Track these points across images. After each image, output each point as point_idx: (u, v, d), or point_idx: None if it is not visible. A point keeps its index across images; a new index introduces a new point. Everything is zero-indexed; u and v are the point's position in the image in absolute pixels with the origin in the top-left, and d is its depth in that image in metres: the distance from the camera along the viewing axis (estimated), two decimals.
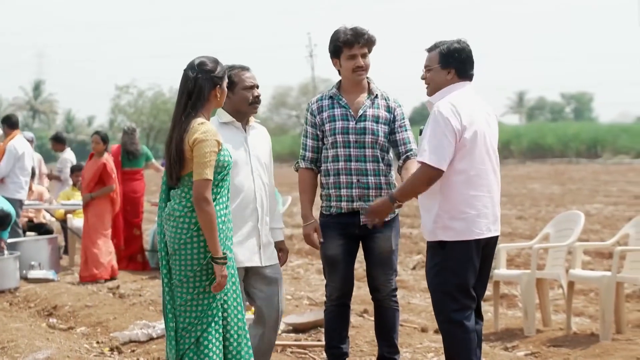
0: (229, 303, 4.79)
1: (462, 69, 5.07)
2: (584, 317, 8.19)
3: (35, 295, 9.97)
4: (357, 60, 5.68)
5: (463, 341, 4.99)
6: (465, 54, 5.06)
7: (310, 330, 7.61)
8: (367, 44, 5.69)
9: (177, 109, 4.76)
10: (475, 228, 4.97)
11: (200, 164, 4.61)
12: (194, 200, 4.61)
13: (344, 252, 5.77)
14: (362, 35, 5.67)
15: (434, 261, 5.04)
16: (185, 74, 4.76)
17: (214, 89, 4.77)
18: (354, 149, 5.71)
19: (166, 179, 4.84)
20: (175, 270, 4.72)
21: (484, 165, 5.02)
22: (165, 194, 4.85)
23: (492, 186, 5.06)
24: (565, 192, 24.49)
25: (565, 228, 7.79)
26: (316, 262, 12.37)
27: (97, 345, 7.49)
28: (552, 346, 7.00)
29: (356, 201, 5.72)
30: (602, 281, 7.12)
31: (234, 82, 5.42)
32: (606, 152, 52.37)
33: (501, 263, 7.97)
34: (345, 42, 5.67)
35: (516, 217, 17.50)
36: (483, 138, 5.02)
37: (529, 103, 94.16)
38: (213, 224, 4.59)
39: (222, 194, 4.77)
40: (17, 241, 11.27)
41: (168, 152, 4.75)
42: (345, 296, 5.88)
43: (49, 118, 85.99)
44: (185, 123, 4.67)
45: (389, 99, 5.82)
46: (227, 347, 4.77)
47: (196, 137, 4.62)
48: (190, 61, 4.78)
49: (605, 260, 11.19)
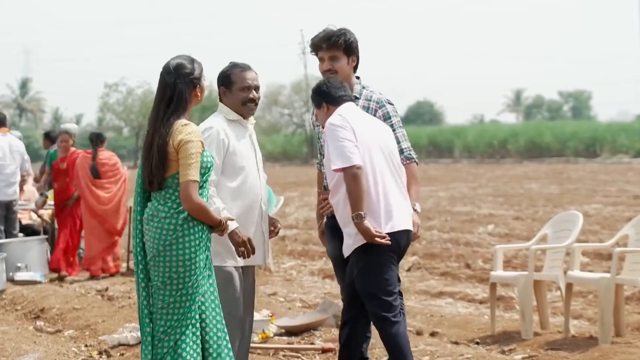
0: (206, 305, 4.76)
1: (332, 100, 5.50)
2: (582, 320, 8.17)
3: (22, 298, 9.91)
4: (325, 64, 5.71)
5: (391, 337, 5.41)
6: (324, 89, 5.53)
7: (303, 333, 7.57)
8: (333, 47, 5.67)
9: (156, 113, 4.74)
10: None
11: (186, 165, 4.61)
12: (183, 202, 4.62)
13: (342, 253, 5.67)
14: (327, 39, 5.67)
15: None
16: (163, 79, 4.75)
17: (194, 90, 4.78)
18: None
19: (142, 184, 4.80)
20: (157, 273, 4.69)
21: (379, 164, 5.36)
22: (141, 196, 4.83)
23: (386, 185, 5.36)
24: (563, 192, 24.49)
25: (563, 229, 7.76)
26: (309, 264, 12.37)
27: (86, 349, 7.43)
28: (550, 349, 6.96)
29: None
30: (601, 283, 7.09)
31: (232, 82, 5.42)
32: (605, 152, 52.45)
33: (498, 264, 7.94)
34: (312, 45, 5.76)
35: (513, 218, 17.52)
36: (373, 143, 5.36)
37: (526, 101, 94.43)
38: (207, 212, 4.68)
39: (204, 194, 4.77)
40: (3, 242, 11.20)
41: (148, 158, 4.72)
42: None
43: (36, 116, 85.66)
44: (167, 126, 4.66)
45: (371, 99, 5.75)
46: (207, 350, 4.75)
47: (181, 138, 4.62)
48: (166, 64, 4.77)
49: (604, 261, 11.18)
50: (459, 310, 8.95)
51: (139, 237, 4.78)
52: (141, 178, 4.80)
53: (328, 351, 6.93)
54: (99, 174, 11.52)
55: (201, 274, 4.70)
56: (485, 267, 11.23)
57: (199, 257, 4.68)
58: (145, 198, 4.81)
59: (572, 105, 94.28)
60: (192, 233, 4.68)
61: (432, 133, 60.83)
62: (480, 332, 7.77)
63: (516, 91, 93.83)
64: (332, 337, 7.31)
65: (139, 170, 4.84)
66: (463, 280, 10.74)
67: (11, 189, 11.73)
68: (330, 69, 5.67)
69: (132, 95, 69.18)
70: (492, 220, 17.07)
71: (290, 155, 61.04)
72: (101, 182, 11.53)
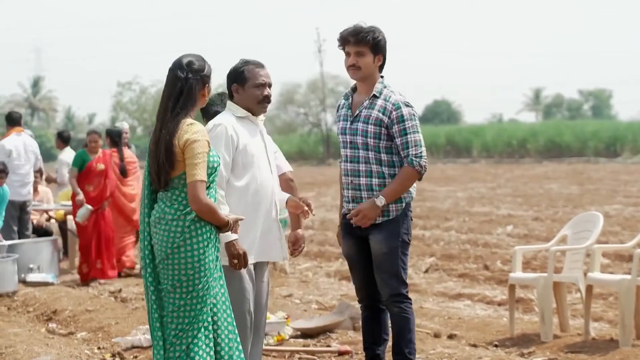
0: (218, 307, 4.74)
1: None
2: (602, 322, 8.14)
3: (34, 299, 9.90)
4: (350, 59, 5.70)
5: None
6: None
7: (319, 336, 7.55)
8: (360, 43, 5.64)
9: (164, 108, 4.73)
10: None
11: (192, 165, 4.59)
12: (190, 202, 4.61)
13: (357, 252, 5.79)
14: (356, 34, 5.65)
15: None
16: (174, 74, 4.73)
17: (203, 88, 4.76)
18: (349, 150, 5.75)
19: (149, 182, 4.78)
20: (167, 276, 4.68)
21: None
22: (148, 198, 4.80)
23: None
24: (583, 192, 24.36)
25: (583, 230, 7.73)
26: (325, 265, 12.35)
27: (99, 351, 7.41)
28: (570, 352, 6.93)
29: (350, 202, 5.77)
30: (622, 285, 7.06)
31: (246, 78, 5.40)
32: (626, 151, 52.09)
33: (517, 266, 7.90)
34: (340, 38, 5.74)
35: (532, 219, 17.45)
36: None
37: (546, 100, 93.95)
38: (215, 213, 4.65)
39: (211, 194, 4.74)
40: (16, 243, 11.19)
41: (155, 154, 4.69)
42: (369, 297, 5.87)
43: (48, 116, 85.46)
44: (174, 124, 4.65)
45: (388, 99, 5.71)
46: (218, 352, 4.74)
47: (187, 138, 4.60)
48: (177, 60, 4.75)
49: (625, 263, 11.13)
50: (477, 313, 8.91)
51: (147, 239, 4.76)
52: (148, 179, 4.77)
53: (344, 354, 6.91)
54: (126, 173, 11.67)
55: (211, 275, 4.68)
56: (504, 269, 11.18)
57: (208, 258, 4.66)
58: (152, 200, 4.79)
59: (592, 104, 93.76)
60: (201, 234, 4.65)
61: (449, 132, 60.60)
62: (499, 334, 7.74)
63: (535, 90, 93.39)
64: (348, 340, 7.31)
65: (145, 171, 4.81)
66: (481, 281, 10.69)
67: (25, 189, 11.73)
68: (355, 64, 5.68)
69: (146, 94, 68.83)
70: (511, 221, 16.99)
71: (306, 155, 60.85)
72: (127, 180, 11.81)
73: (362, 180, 5.67)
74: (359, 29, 5.65)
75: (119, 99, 68.79)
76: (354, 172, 5.69)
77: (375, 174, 5.66)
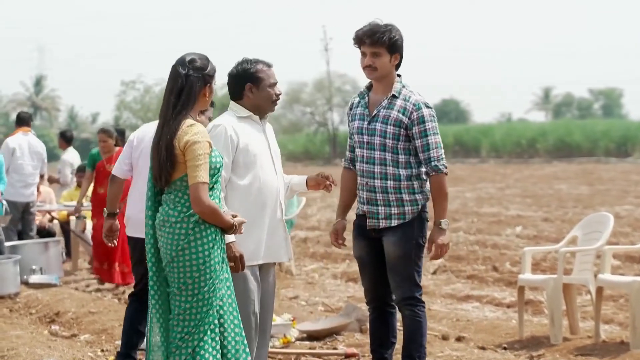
0: (224, 309, 4.72)
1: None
2: (613, 325, 8.11)
3: (37, 301, 9.86)
4: (366, 59, 5.63)
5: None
6: None
7: (325, 338, 7.53)
8: (377, 44, 5.57)
9: (166, 106, 4.71)
10: None
11: (194, 167, 4.56)
12: (193, 204, 4.59)
13: (368, 253, 5.76)
14: (372, 34, 5.57)
15: None
16: (175, 70, 4.72)
17: (205, 87, 4.72)
18: (366, 150, 5.69)
19: (153, 184, 4.75)
20: (173, 279, 4.67)
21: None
22: (152, 200, 4.77)
23: None
24: (593, 192, 24.37)
25: (593, 231, 7.70)
26: (331, 267, 12.34)
27: (102, 354, 7.38)
28: (580, 355, 6.93)
29: (365, 204, 5.71)
30: (633, 286, 7.03)
31: (261, 78, 5.40)
32: (637, 151, 52.10)
33: (526, 267, 7.89)
34: (355, 38, 5.66)
35: (542, 219, 17.46)
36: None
37: (556, 99, 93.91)
38: (218, 214, 4.61)
39: (215, 195, 4.71)
40: (18, 244, 11.14)
41: (157, 153, 4.67)
42: (378, 299, 5.83)
43: (51, 115, 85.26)
44: (175, 124, 4.63)
45: (408, 100, 5.65)
46: (225, 355, 4.72)
47: (187, 139, 4.58)
48: (180, 57, 4.75)
49: (635, 264, 11.13)
50: (486, 315, 8.87)
51: (151, 242, 4.75)
52: (151, 181, 4.75)
53: (351, 356, 6.90)
54: None
55: (217, 277, 4.64)
56: (513, 270, 11.14)
57: (214, 260, 4.63)
58: (157, 202, 4.76)
59: (602, 103, 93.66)
60: (205, 236, 4.62)
61: (458, 132, 60.57)
62: (508, 337, 7.70)
63: (545, 89, 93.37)
64: (355, 342, 7.30)
65: (149, 174, 4.77)
66: (490, 283, 10.66)
67: (29, 190, 11.66)
68: (371, 65, 5.62)
69: (150, 93, 68.60)
70: (520, 221, 16.97)
71: (313, 154, 60.81)
72: None
73: (377, 182, 5.63)
74: (375, 29, 5.57)
75: (122, 98, 68.53)
76: (369, 174, 5.64)
77: (390, 176, 5.61)
